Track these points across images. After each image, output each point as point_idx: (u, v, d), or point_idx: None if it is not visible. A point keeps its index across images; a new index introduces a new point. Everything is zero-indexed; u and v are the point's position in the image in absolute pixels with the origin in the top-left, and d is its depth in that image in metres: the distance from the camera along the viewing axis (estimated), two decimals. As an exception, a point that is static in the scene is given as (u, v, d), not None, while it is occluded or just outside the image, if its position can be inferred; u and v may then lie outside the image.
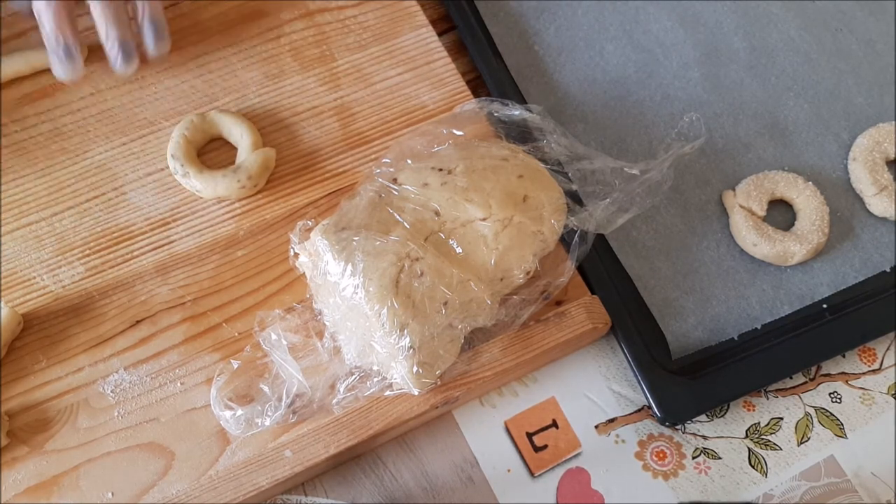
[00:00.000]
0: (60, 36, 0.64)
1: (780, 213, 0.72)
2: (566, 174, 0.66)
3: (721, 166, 0.73)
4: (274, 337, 0.61)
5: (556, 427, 0.65)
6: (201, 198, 0.68)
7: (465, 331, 0.60)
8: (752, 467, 0.64)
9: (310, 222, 0.63)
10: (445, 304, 0.57)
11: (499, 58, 0.76)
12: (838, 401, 0.67)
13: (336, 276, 0.58)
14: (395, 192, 0.61)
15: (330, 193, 0.69)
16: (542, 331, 0.64)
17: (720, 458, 0.65)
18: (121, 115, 0.71)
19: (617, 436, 0.65)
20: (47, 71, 0.71)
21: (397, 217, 0.60)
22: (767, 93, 0.76)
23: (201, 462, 0.60)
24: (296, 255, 0.64)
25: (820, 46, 0.78)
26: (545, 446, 0.64)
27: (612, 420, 0.66)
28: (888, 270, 0.70)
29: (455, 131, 0.66)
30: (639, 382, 0.65)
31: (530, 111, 0.67)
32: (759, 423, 0.66)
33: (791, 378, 0.67)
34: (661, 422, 0.65)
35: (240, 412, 0.59)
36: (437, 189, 0.61)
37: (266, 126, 0.71)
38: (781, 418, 0.66)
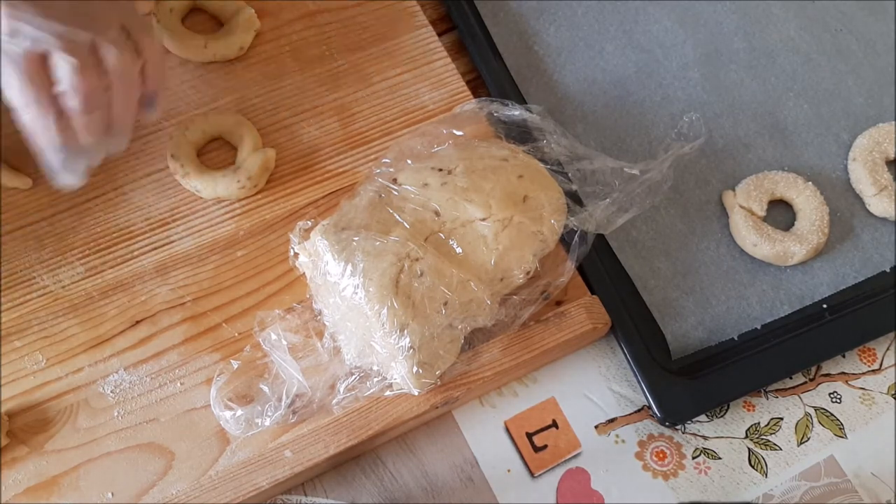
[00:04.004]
0: (59, 149, 0.56)
1: (780, 213, 0.72)
2: (566, 174, 0.66)
3: (721, 166, 0.73)
4: (274, 337, 0.61)
5: (556, 427, 0.65)
6: (201, 198, 0.68)
7: (465, 331, 0.60)
8: (752, 467, 0.64)
9: (310, 222, 0.63)
10: (445, 304, 0.57)
11: (499, 58, 0.76)
12: (838, 401, 0.67)
13: (336, 276, 0.58)
14: (395, 192, 0.61)
15: (330, 193, 0.69)
16: (542, 331, 0.64)
17: (720, 459, 0.65)
18: (121, 115, 0.71)
19: (617, 436, 0.65)
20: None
21: (397, 217, 0.60)
22: (767, 93, 0.76)
23: (201, 462, 0.60)
24: (296, 255, 0.64)
25: (820, 46, 0.78)
26: (545, 446, 0.64)
27: (612, 420, 0.66)
28: (888, 270, 0.70)
29: (455, 131, 0.66)
30: (639, 382, 0.65)
31: (530, 111, 0.67)
32: (759, 423, 0.66)
33: (791, 378, 0.67)
34: (661, 422, 0.65)
35: (240, 412, 0.59)
36: (437, 189, 0.61)
37: (266, 126, 0.71)
38: (781, 418, 0.66)
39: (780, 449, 0.65)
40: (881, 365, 0.68)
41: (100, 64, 0.55)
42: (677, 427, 0.65)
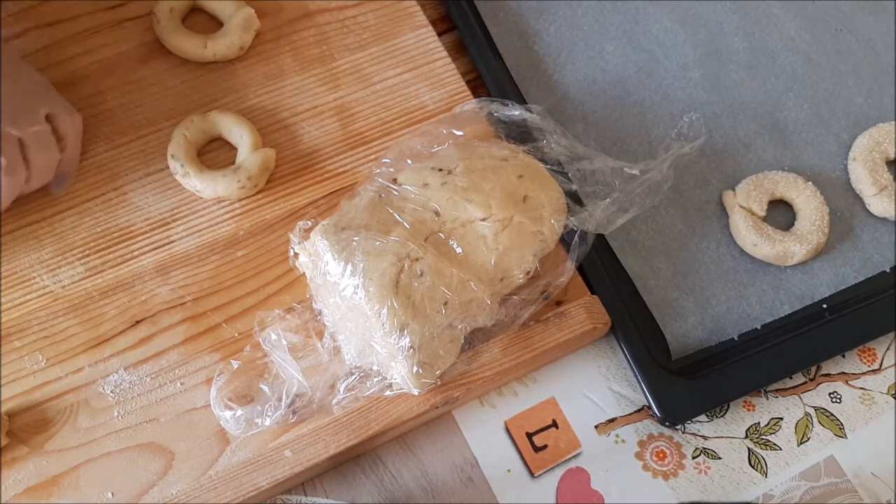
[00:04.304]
0: None
1: (780, 213, 0.72)
2: (566, 174, 0.66)
3: (721, 166, 0.73)
4: (274, 337, 0.61)
5: (556, 427, 0.65)
6: (201, 198, 0.68)
7: (465, 331, 0.60)
8: (752, 467, 0.64)
9: (310, 222, 0.63)
10: (445, 304, 0.57)
11: (499, 58, 0.76)
12: (838, 401, 0.67)
13: (336, 276, 0.58)
14: (395, 192, 0.61)
15: (330, 193, 0.69)
16: (542, 331, 0.64)
17: (720, 458, 0.65)
18: (121, 115, 0.71)
19: (617, 436, 0.65)
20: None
21: (397, 217, 0.60)
22: (767, 93, 0.76)
23: (201, 462, 0.60)
24: (296, 255, 0.64)
25: (820, 46, 0.78)
26: (545, 446, 0.64)
27: (611, 420, 0.66)
28: (888, 270, 0.70)
29: (455, 131, 0.66)
30: (639, 382, 0.65)
31: (530, 111, 0.67)
32: (758, 423, 0.66)
33: (791, 378, 0.67)
34: (661, 422, 0.65)
35: (240, 412, 0.59)
36: (437, 189, 0.61)
37: (266, 126, 0.71)
38: (781, 418, 0.66)
39: (780, 449, 0.65)
40: (881, 365, 0.68)
41: (25, 159, 0.60)
42: (677, 427, 0.65)
